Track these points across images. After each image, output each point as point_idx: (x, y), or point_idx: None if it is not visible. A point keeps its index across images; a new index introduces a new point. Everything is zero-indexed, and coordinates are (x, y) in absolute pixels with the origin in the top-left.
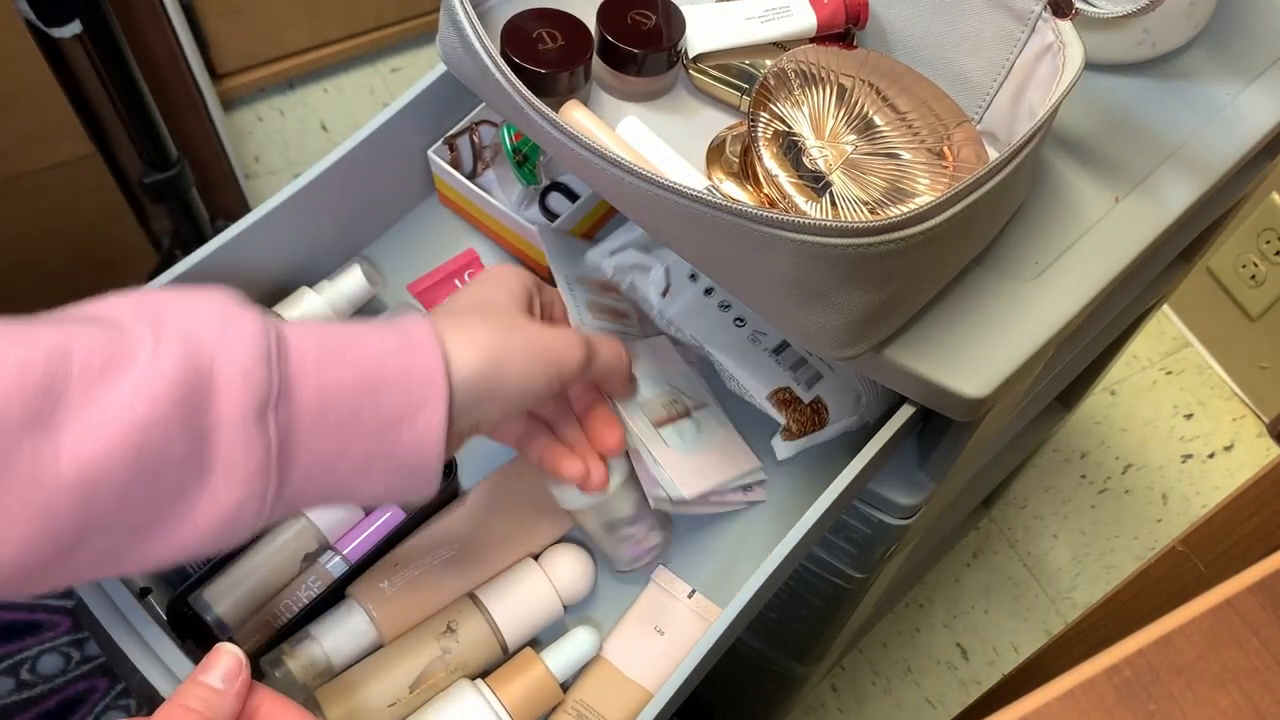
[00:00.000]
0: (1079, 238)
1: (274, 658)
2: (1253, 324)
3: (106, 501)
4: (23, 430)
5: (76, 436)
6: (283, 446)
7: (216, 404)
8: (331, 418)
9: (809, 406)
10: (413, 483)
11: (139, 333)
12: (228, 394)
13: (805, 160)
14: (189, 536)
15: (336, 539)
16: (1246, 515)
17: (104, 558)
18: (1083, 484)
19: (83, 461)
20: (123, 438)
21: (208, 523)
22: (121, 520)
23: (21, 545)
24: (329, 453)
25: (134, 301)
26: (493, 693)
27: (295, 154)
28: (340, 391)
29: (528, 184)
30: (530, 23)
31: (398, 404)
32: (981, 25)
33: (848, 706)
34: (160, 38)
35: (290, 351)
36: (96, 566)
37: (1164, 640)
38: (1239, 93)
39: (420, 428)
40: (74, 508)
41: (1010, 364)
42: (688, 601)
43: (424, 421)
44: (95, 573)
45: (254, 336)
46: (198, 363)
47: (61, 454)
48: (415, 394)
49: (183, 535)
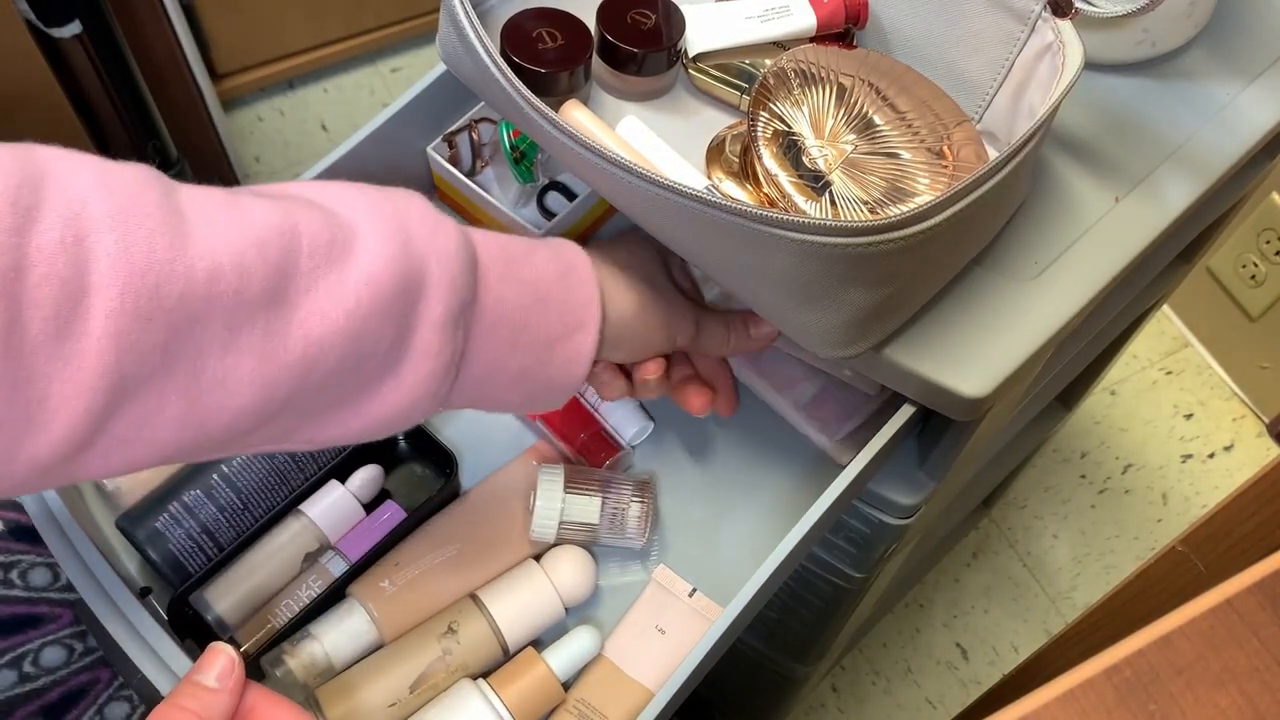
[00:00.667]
0: (1079, 237)
1: (275, 657)
2: (1253, 324)
3: (318, 380)
4: (261, 304)
5: (306, 315)
6: (464, 349)
7: (426, 302)
8: (504, 328)
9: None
10: (552, 398)
11: (357, 220)
12: (436, 295)
13: (805, 160)
14: (360, 423)
15: (337, 538)
16: (1246, 515)
17: (280, 435)
18: (1083, 484)
19: (310, 339)
20: (346, 321)
21: (383, 411)
22: (318, 400)
23: (235, 415)
24: (496, 360)
25: (339, 192)
26: (494, 692)
27: (295, 154)
28: (515, 305)
29: (524, 181)
30: (530, 22)
31: (560, 323)
32: (981, 25)
33: (848, 706)
34: (160, 38)
35: (480, 261)
36: (268, 442)
37: (1164, 640)
38: (1239, 92)
39: (572, 349)
40: (292, 382)
41: (1010, 364)
42: (689, 600)
43: (577, 343)
44: (261, 448)
45: (459, 244)
46: (413, 260)
47: (292, 330)
48: (575, 317)
49: (355, 421)
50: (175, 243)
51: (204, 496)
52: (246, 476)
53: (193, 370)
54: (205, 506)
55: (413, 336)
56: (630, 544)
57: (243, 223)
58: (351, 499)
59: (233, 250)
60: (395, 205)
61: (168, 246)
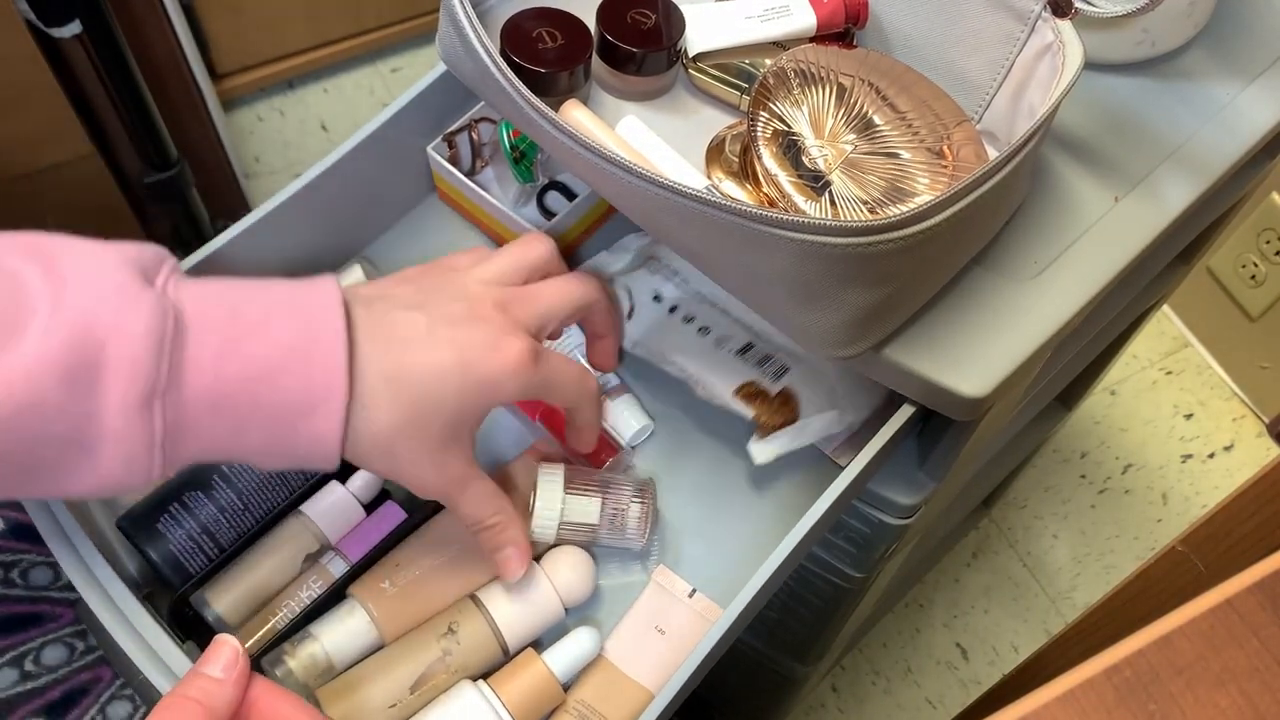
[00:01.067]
0: (1078, 237)
1: (275, 657)
2: (1253, 324)
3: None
4: None
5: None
6: (171, 430)
7: (104, 387)
8: (228, 406)
9: (776, 398)
10: (315, 466)
11: (37, 297)
12: (114, 380)
13: (805, 159)
14: (76, 489)
15: (338, 539)
16: (1246, 515)
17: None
18: (1083, 484)
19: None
20: (3, 406)
21: (91, 484)
22: (7, 476)
23: None
24: (225, 437)
25: (48, 254)
26: (494, 693)
27: (295, 154)
28: (239, 381)
29: (524, 181)
30: (530, 22)
31: (297, 400)
32: (981, 24)
33: (848, 706)
34: (160, 38)
35: (188, 339)
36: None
37: (1164, 640)
38: (1239, 92)
39: (317, 427)
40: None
41: (1010, 363)
42: (688, 601)
43: (319, 423)
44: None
45: (149, 324)
46: (87, 344)
47: None
48: (313, 395)
49: (69, 488)
50: None
51: (204, 497)
52: (247, 476)
53: None
54: (205, 507)
55: (98, 419)
56: (630, 545)
57: None
58: (352, 499)
59: None
60: (94, 277)
61: None
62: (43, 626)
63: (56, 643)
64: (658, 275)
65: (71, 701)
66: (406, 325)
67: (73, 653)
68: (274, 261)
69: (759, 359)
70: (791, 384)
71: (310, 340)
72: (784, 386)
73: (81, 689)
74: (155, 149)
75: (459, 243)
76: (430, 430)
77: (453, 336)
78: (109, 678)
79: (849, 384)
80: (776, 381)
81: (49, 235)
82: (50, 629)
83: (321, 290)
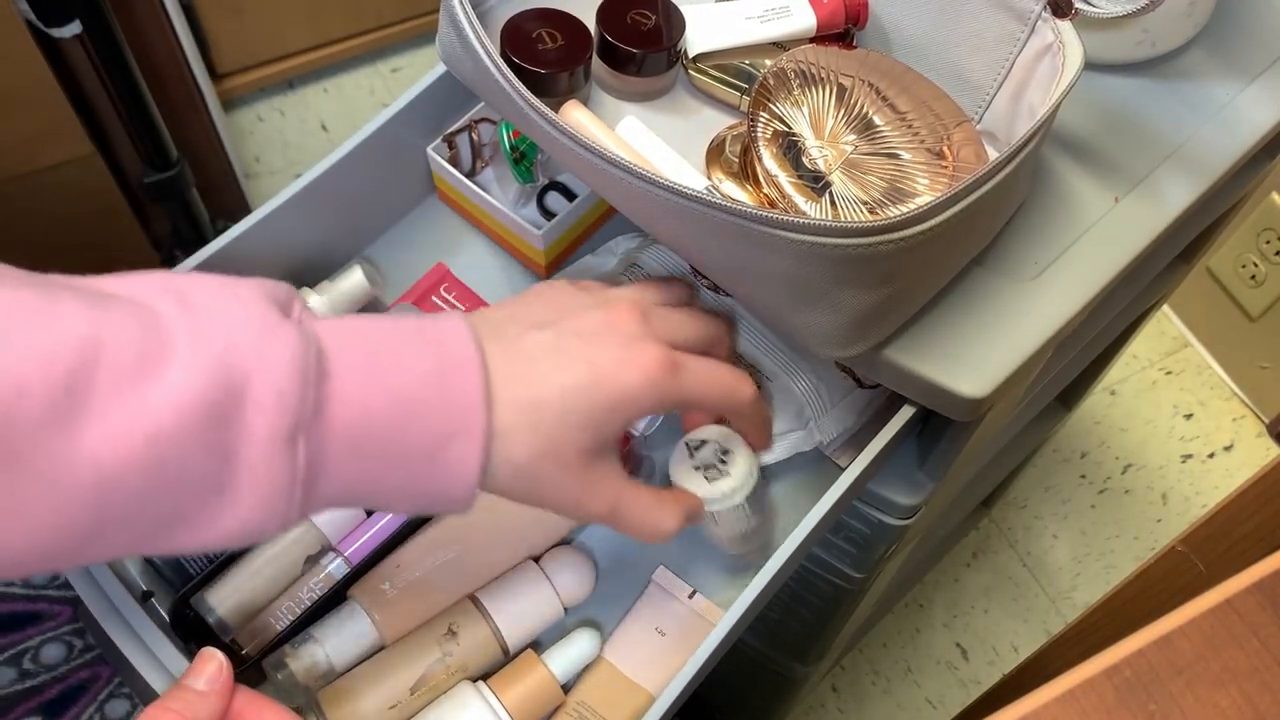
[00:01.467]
0: (1079, 238)
1: (276, 659)
2: (1253, 324)
3: (122, 506)
4: (43, 425)
5: (97, 440)
6: (311, 468)
7: (246, 422)
8: (368, 442)
9: None
10: (447, 507)
11: (175, 331)
12: (258, 413)
13: (805, 160)
14: (210, 537)
15: (338, 541)
16: (1246, 515)
17: (124, 547)
18: (1083, 484)
19: (101, 467)
20: (144, 448)
21: (228, 530)
22: (138, 521)
23: (34, 536)
24: (363, 478)
25: (179, 290)
26: (494, 695)
27: (295, 154)
28: (384, 417)
29: (524, 182)
30: (530, 23)
31: (434, 431)
32: (981, 25)
33: (848, 706)
34: (160, 38)
35: (331, 370)
36: (118, 551)
37: (1164, 640)
38: (1239, 92)
39: (454, 457)
40: (88, 508)
41: (1010, 364)
42: (689, 602)
43: (459, 451)
44: (116, 556)
45: (293, 354)
46: (231, 376)
47: (80, 456)
48: (453, 423)
49: (203, 536)
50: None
51: None
52: None
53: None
54: None
55: (238, 457)
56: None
57: (38, 335)
58: None
59: (11, 369)
60: (230, 309)
61: None
62: (41, 625)
63: (55, 641)
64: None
65: (70, 700)
66: (536, 345)
67: (71, 651)
68: (274, 261)
69: None
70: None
71: (445, 370)
72: None
73: (80, 687)
74: (155, 149)
75: (459, 243)
76: (568, 454)
77: (584, 351)
78: (107, 676)
79: (820, 406)
80: None
81: (178, 273)
82: (48, 627)
83: (450, 320)
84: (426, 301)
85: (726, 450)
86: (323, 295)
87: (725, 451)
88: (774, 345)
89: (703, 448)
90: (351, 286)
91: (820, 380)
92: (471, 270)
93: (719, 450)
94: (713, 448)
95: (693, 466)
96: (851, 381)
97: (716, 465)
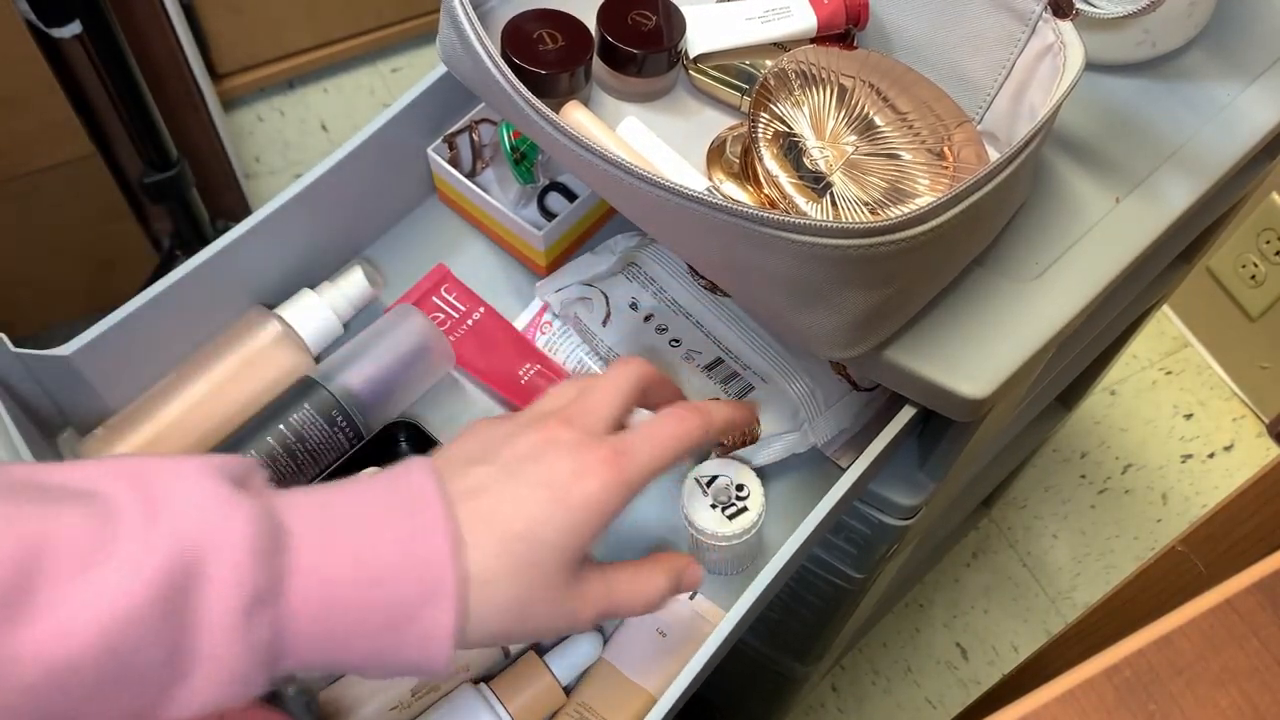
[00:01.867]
0: (1079, 238)
1: None
2: (1253, 324)
3: (73, 698)
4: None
5: (44, 635)
6: (273, 646)
7: (203, 602)
8: (332, 613)
9: None
10: (423, 670)
11: (129, 515)
12: (216, 589)
13: (806, 161)
14: (174, 715)
15: None
16: (1246, 515)
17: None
18: (1083, 484)
19: (50, 664)
20: (97, 639)
21: (191, 710)
22: (92, 712)
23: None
24: (327, 647)
25: (131, 473)
26: (495, 696)
27: (295, 154)
28: (349, 584)
29: (524, 182)
30: (530, 23)
31: (404, 600)
32: (982, 26)
33: (848, 706)
34: (160, 38)
35: (290, 543)
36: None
37: (1164, 640)
38: (1239, 93)
39: (426, 626)
40: (37, 706)
41: (1010, 364)
42: (690, 603)
43: (430, 619)
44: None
45: (250, 528)
46: (187, 557)
47: (25, 654)
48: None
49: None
50: None
51: None
52: None
53: None
54: None
55: (196, 638)
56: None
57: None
58: None
59: None
60: (184, 488)
61: None
62: None
63: None
64: (635, 282)
65: None
66: (490, 480)
67: None
68: (275, 262)
69: (724, 376)
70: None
71: (414, 534)
72: None
73: None
74: (155, 149)
75: (459, 244)
76: (554, 581)
77: (536, 474)
78: None
79: (814, 408)
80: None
81: (134, 456)
82: None
83: (414, 474)
84: (427, 302)
85: (740, 485)
86: (323, 296)
87: (740, 486)
88: (769, 347)
89: (714, 482)
90: (352, 288)
91: (816, 382)
92: (472, 271)
93: (731, 484)
94: (724, 481)
95: (709, 505)
96: (847, 384)
97: (734, 502)
